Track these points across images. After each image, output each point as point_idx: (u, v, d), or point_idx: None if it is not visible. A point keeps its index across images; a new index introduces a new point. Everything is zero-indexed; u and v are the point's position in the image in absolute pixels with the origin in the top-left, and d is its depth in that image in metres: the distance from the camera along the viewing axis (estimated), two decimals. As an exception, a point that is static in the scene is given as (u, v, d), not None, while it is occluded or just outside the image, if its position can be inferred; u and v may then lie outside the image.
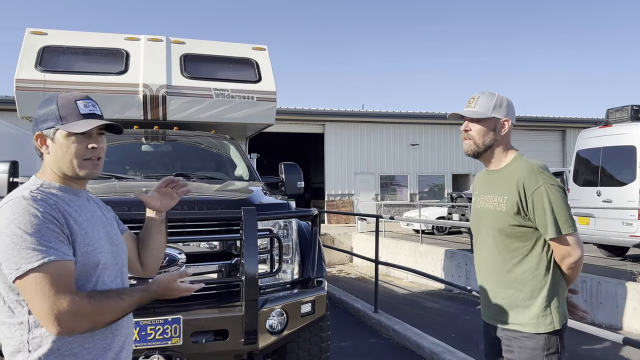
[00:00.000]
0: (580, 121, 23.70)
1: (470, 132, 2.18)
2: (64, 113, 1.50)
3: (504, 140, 2.19)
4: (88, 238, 1.48)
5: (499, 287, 2.17)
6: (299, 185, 4.79)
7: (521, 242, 2.09)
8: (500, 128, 2.17)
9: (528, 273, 2.08)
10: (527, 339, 2.07)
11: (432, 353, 4.85)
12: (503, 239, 2.12)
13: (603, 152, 9.50)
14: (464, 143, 2.23)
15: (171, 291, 1.57)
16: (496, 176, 2.21)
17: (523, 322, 2.08)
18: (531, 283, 2.07)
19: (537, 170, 2.07)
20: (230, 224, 3.18)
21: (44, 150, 1.54)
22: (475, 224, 2.32)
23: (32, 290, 1.34)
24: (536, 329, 2.06)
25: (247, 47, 6.32)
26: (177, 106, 5.60)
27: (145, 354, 2.71)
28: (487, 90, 2.22)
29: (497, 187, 2.17)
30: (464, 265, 10.13)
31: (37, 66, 5.30)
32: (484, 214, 2.24)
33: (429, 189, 23.59)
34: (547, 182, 2.04)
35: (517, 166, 2.13)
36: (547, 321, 2.05)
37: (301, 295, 3.28)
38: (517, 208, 2.06)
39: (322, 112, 21.65)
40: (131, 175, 4.46)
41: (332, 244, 15.03)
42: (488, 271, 2.24)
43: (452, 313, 7.65)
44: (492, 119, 2.15)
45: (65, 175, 1.53)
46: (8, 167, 4.09)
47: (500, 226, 2.12)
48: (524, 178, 2.06)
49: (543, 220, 2.02)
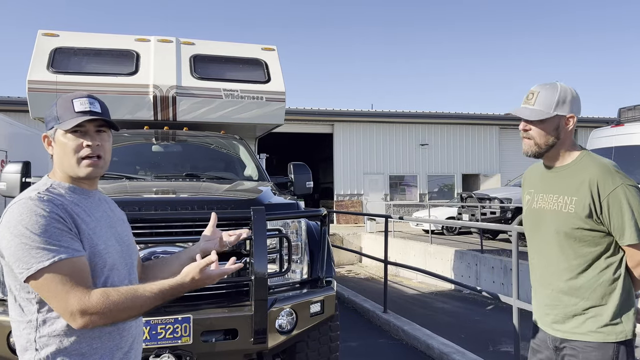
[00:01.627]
0: (591, 120, 23.43)
1: (530, 132, 1.96)
2: (61, 112, 1.52)
3: (568, 138, 1.97)
4: (96, 238, 1.48)
5: (562, 294, 1.97)
6: (308, 185, 4.79)
7: (591, 246, 1.90)
8: (564, 125, 1.94)
9: (597, 279, 1.89)
10: (593, 349, 1.88)
11: (442, 354, 4.83)
12: (570, 243, 1.92)
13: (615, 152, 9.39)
14: (523, 142, 2.00)
15: (210, 279, 1.52)
16: (560, 174, 1.99)
17: (589, 331, 1.90)
18: (600, 290, 1.89)
19: (612, 169, 1.88)
20: (240, 224, 3.18)
21: (50, 151, 1.56)
22: (533, 226, 2.10)
23: (45, 289, 1.36)
24: (605, 338, 1.87)
25: (256, 47, 6.34)
26: (187, 107, 5.63)
27: (156, 352, 2.72)
28: (547, 83, 1.98)
29: (562, 186, 1.96)
30: (473, 265, 10.07)
31: (49, 67, 5.36)
32: (544, 214, 2.02)
33: (439, 189, 23.49)
34: (624, 182, 1.85)
35: (587, 164, 1.92)
36: (617, 330, 1.88)
37: (310, 295, 3.28)
38: (589, 210, 1.86)
39: (331, 112, 21.65)
40: (141, 175, 4.49)
41: (341, 244, 15.02)
42: (549, 278, 2.02)
43: (462, 314, 7.61)
44: (554, 117, 1.92)
45: (69, 176, 1.53)
46: (20, 168, 4.15)
47: (567, 229, 1.92)
48: (598, 178, 1.85)
49: (620, 224, 1.83)
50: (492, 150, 23.75)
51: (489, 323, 6.84)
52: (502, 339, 5.77)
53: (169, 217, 3.07)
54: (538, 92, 1.96)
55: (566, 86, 1.97)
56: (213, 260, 1.52)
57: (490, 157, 23.73)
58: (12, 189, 4.11)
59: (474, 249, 10.58)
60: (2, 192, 4.17)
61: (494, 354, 5.25)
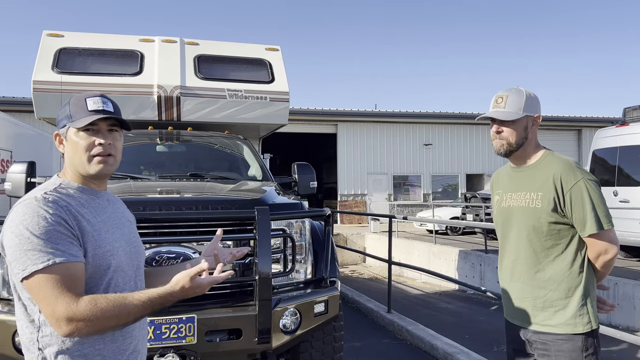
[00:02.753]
0: (596, 120, 23.38)
1: (503, 133, 2.09)
2: (74, 111, 1.52)
3: (534, 137, 2.13)
4: (101, 240, 1.48)
5: (530, 287, 2.09)
6: (312, 185, 4.80)
7: (556, 239, 2.03)
8: (531, 125, 2.11)
9: (563, 271, 2.02)
10: (564, 341, 2.00)
11: (446, 354, 4.83)
12: (538, 237, 2.05)
13: (620, 152, 9.35)
14: (494, 142, 2.14)
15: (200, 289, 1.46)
16: (526, 173, 2.13)
17: (558, 323, 2.01)
18: (566, 282, 2.01)
19: (573, 165, 2.01)
20: (244, 224, 3.19)
21: (61, 150, 1.57)
22: (503, 223, 2.23)
23: (36, 291, 1.35)
24: (573, 330, 1.99)
25: (260, 47, 6.35)
26: (191, 107, 5.64)
27: (160, 352, 2.73)
28: (512, 88, 2.13)
29: (528, 183, 2.09)
30: (478, 265, 10.05)
31: (53, 68, 5.38)
32: (513, 212, 2.15)
33: (443, 189, 23.45)
34: (585, 177, 1.97)
35: (550, 162, 2.06)
36: (584, 321, 1.99)
37: (314, 295, 3.28)
38: (554, 204, 1.99)
39: (335, 112, 21.64)
40: (146, 175, 4.50)
41: (345, 244, 15.02)
42: (518, 271, 2.14)
43: (466, 314, 7.59)
44: (524, 117, 2.07)
45: (80, 174, 1.54)
46: (25, 168, 4.16)
47: (535, 223, 2.04)
48: (561, 173, 1.99)
49: (582, 216, 1.95)
50: (496, 150, 23.65)
51: (493, 323, 6.82)
52: (507, 340, 5.76)
53: (174, 217, 3.08)
54: (507, 95, 2.10)
55: (528, 90, 2.13)
56: (204, 269, 1.46)
57: (494, 157, 23.61)
58: (17, 189, 4.13)
59: (478, 249, 10.55)
60: (7, 192, 4.19)
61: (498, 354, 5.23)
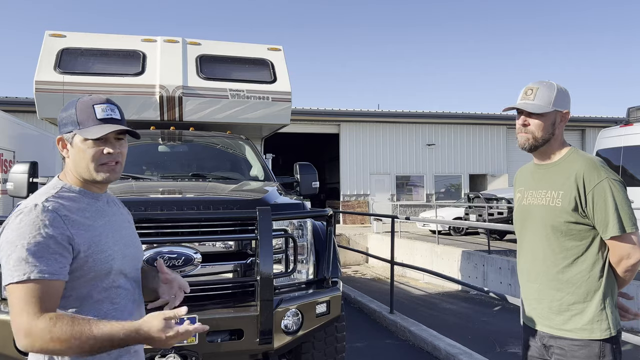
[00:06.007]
0: (600, 120, 23.31)
1: (529, 126, 2.01)
2: (82, 118, 1.50)
3: (560, 134, 2.05)
4: (102, 244, 1.48)
5: (548, 288, 2.01)
6: (314, 186, 4.79)
7: (576, 240, 1.94)
8: (559, 121, 2.03)
9: (582, 274, 1.93)
10: (579, 347, 1.91)
11: (449, 355, 4.81)
12: (557, 237, 1.97)
13: (624, 152, 9.32)
14: (519, 136, 2.06)
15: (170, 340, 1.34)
16: (549, 170, 2.05)
17: (574, 328, 1.93)
18: (585, 285, 1.93)
19: (598, 164, 1.93)
20: (246, 224, 3.18)
21: (64, 154, 1.55)
22: (522, 222, 2.15)
23: (10, 299, 1.35)
24: (590, 335, 1.90)
25: (262, 47, 6.34)
26: (193, 107, 5.64)
27: (162, 352, 2.73)
28: (543, 81, 2.05)
29: (550, 181, 2.02)
30: (480, 266, 10.02)
31: (56, 68, 5.38)
32: (533, 210, 2.07)
33: (446, 189, 23.40)
34: (609, 176, 1.89)
35: (574, 160, 1.99)
36: (602, 326, 1.90)
37: (316, 296, 3.27)
38: (574, 204, 1.91)
39: (337, 112, 21.63)
40: (148, 175, 4.50)
41: (347, 245, 15.00)
42: (536, 272, 2.06)
43: (469, 314, 7.57)
44: (553, 112, 2.00)
45: (84, 179, 1.53)
46: (28, 168, 4.17)
47: (554, 223, 1.96)
48: (584, 172, 1.91)
49: (604, 217, 1.87)
50: (499, 151, 23.63)
51: (496, 324, 6.80)
52: (509, 340, 5.74)
53: (175, 217, 3.07)
54: (537, 87, 2.02)
55: (560, 84, 2.04)
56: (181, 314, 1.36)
57: (497, 157, 23.62)
58: (19, 189, 4.14)
59: (481, 250, 10.51)
60: (9, 192, 4.19)
61: (501, 355, 5.22)
